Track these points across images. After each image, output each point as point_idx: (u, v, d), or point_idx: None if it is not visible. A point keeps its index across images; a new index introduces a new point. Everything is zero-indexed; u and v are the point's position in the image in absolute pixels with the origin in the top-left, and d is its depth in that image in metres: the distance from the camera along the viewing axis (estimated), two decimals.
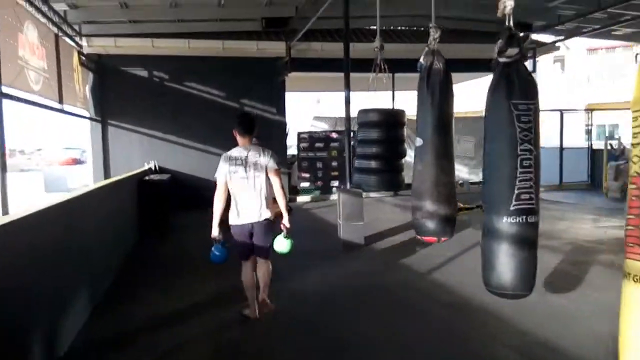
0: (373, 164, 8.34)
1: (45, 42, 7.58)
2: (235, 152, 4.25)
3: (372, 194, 12.36)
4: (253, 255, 4.32)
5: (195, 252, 6.98)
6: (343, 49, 7.78)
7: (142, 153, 11.44)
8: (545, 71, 26.50)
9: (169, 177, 9.53)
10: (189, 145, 11.61)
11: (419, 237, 4.15)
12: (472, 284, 4.30)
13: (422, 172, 3.95)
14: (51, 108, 7.63)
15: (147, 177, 8.81)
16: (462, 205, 9.50)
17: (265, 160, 4.19)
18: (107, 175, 11.27)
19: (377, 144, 8.36)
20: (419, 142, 4.03)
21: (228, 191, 4.19)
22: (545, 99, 13.28)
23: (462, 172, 13.67)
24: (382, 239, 7.53)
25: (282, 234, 4.24)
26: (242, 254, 4.30)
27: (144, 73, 11.51)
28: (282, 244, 4.25)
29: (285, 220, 4.24)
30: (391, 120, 8.74)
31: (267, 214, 4.20)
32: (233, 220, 4.23)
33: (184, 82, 11.72)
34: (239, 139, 4.30)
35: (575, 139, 16.69)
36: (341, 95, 8.41)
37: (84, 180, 13.49)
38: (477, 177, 13.61)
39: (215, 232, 4.20)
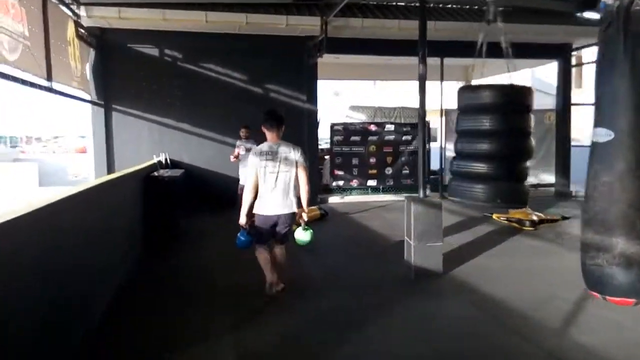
0: (483, 167, 6.25)
1: (27, 2, 5.97)
2: (265, 146, 4.41)
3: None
4: (269, 241, 4.52)
5: (214, 272, 5.45)
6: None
7: (151, 143, 9.86)
8: None
9: (182, 173, 7.90)
10: (205, 136, 9.98)
11: (596, 294, 2.44)
12: None
13: (610, 187, 2.26)
14: (33, 85, 6.02)
15: (155, 173, 7.18)
16: (543, 216, 7.73)
17: (296, 156, 4.38)
18: (110, 168, 9.71)
19: (491, 138, 6.21)
20: (602, 135, 2.33)
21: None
22: None
23: None
24: (463, 261, 5.78)
25: (302, 225, 4.45)
26: (260, 239, 4.48)
27: (154, 51, 9.88)
28: (303, 235, 4.46)
29: (304, 214, 4.45)
30: (513, 101, 6.30)
31: (293, 208, 4.41)
32: (259, 209, 4.39)
33: (200, 62, 10.08)
34: (267, 134, 4.44)
35: None
36: (366, 85, 6.66)
37: (87, 171, 11.92)
38: (537, 178, 11.79)
39: (242, 220, 4.41)
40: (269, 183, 4.31)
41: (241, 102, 10.15)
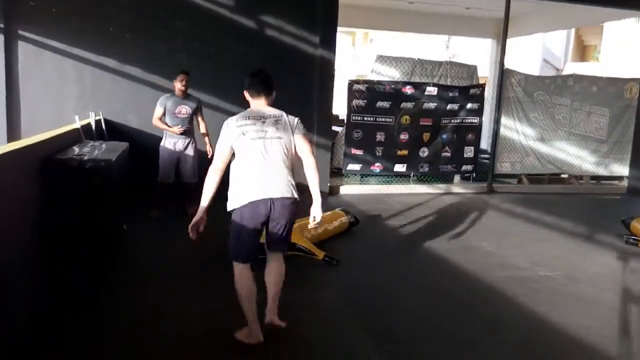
0: None
1: None
2: (245, 113, 2.96)
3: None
4: (255, 255, 2.97)
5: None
6: None
7: (80, 95, 6.42)
8: None
9: (124, 151, 4.51)
10: (166, 87, 6.59)
11: None
12: None
13: None
14: None
15: (70, 154, 3.81)
16: None
17: (292, 121, 2.97)
18: (13, 134, 6.23)
19: None
20: None
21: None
22: None
23: (586, 161, 9.02)
24: None
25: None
26: (243, 250, 2.90)
27: None
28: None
29: (317, 208, 2.94)
30: None
31: (295, 193, 2.90)
32: (237, 199, 2.84)
33: None
34: (252, 103, 3.00)
35: None
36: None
37: None
38: (606, 169, 9.03)
39: (199, 215, 2.81)
40: (254, 152, 2.84)
41: (223, 38, 6.78)
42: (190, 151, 5.70)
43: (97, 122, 5.35)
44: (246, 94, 3.00)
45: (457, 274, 4.33)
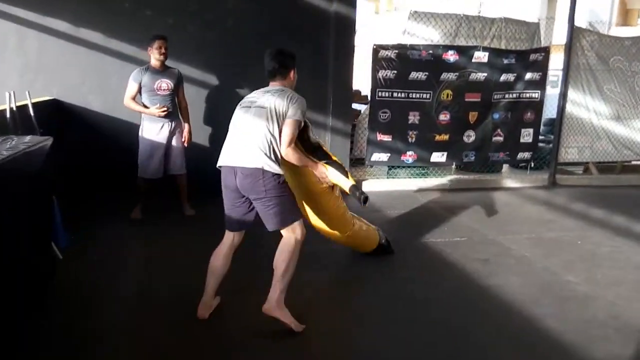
0: None
1: None
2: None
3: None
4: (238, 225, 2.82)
5: None
6: None
7: (23, 69, 4.95)
8: None
9: (35, 149, 2.98)
10: (138, 59, 5.08)
11: None
12: None
13: None
14: None
15: None
16: None
17: (290, 96, 2.71)
18: None
19: None
20: None
21: None
22: None
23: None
24: None
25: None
26: (226, 216, 2.84)
27: None
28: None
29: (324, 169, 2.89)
30: None
31: (266, 164, 2.60)
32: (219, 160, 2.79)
33: None
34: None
35: None
36: None
37: None
38: None
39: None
40: (235, 118, 2.79)
41: None
42: (179, 136, 4.60)
43: (21, 107, 3.83)
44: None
45: (553, 343, 2.72)
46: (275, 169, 2.62)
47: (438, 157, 6.25)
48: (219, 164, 2.75)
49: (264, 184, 2.59)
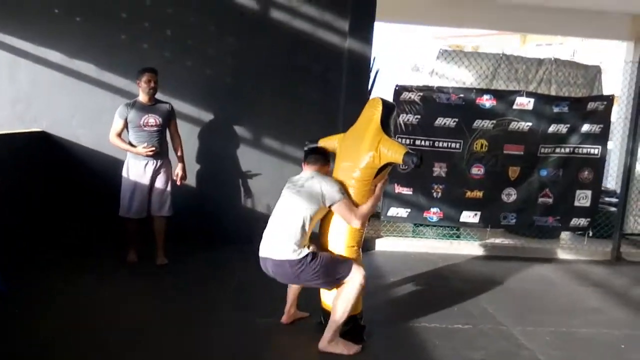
0: None
1: None
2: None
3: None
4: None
5: None
6: None
7: (14, 100, 4.74)
8: None
9: None
10: (127, 91, 4.76)
11: None
12: None
13: None
14: None
15: None
16: None
17: (323, 187, 2.80)
18: None
19: None
20: None
21: None
22: None
23: None
24: None
25: None
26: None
27: None
28: None
29: None
30: None
31: (290, 254, 2.68)
32: None
33: None
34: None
35: None
36: None
37: None
38: None
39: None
40: (275, 210, 2.95)
41: (206, 21, 4.78)
42: (163, 176, 4.21)
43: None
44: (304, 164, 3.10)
45: None
46: (302, 253, 2.68)
47: (469, 216, 5.29)
48: (259, 253, 2.87)
49: (293, 271, 2.70)
